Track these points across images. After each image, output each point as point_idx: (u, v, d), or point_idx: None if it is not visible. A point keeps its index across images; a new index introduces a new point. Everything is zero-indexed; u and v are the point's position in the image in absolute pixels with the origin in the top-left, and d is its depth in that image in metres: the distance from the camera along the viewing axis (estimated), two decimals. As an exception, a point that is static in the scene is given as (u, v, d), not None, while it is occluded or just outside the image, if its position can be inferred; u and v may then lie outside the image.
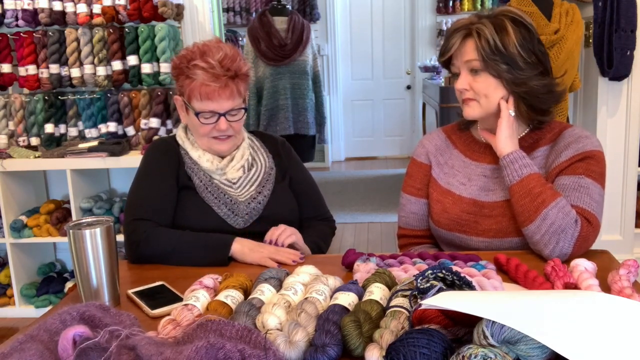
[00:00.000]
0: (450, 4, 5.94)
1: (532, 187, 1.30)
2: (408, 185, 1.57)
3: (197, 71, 1.44)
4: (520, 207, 1.31)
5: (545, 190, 1.29)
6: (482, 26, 1.33)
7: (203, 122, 1.49)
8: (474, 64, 1.35)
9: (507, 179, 1.35)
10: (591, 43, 2.71)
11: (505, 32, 1.32)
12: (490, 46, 1.32)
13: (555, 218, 1.26)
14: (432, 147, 1.56)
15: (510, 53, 1.32)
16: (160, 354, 0.77)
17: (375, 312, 0.93)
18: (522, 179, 1.32)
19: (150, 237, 1.40)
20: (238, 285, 1.10)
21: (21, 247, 2.95)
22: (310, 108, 3.79)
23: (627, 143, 2.83)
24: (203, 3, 2.79)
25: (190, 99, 1.49)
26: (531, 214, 1.29)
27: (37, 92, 2.85)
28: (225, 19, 5.69)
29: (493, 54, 1.32)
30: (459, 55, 1.38)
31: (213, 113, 1.48)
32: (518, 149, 1.36)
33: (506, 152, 1.35)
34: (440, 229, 1.47)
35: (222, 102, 1.47)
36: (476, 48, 1.33)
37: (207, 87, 1.45)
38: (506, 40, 1.32)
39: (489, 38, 1.32)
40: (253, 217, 1.54)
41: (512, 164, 1.34)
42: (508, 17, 1.34)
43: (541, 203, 1.28)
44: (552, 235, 1.26)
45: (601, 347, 0.73)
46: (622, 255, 2.53)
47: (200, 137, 1.54)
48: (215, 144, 1.53)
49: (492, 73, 1.34)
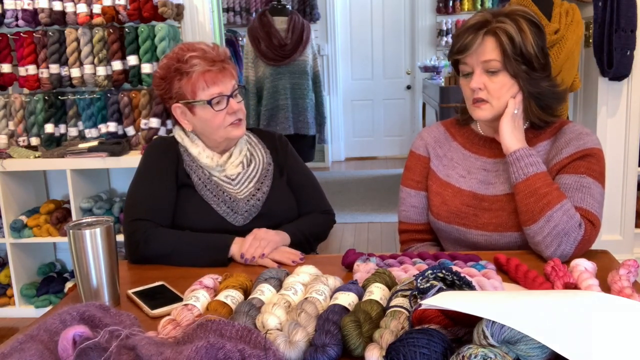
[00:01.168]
0: (450, 4, 5.94)
1: (538, 187, 1.29)
2: (407, 179, 1.56)
3: (194, 61, 1.46)
4: (525, 206, 1.30)
5: (551, 191, 1.28)
6: (505, 25, 1.32)
7: (217, 109, 1.49)
8: (493, 64, 1.33)
9: (512, 176, 1.33)
10: (591, 43, 2.71)
11: (524, 32, 1.32)
12: (515, 46, 1.31)
13: (559, 221, 1.25)
14: (430, 139, 1.55)
15: (529, 53, 1.32)
16: (160, 354, 0.77)
17: (375, 312, 0.93)
18: (527, 177, 1.30)
19: (150, 238, 1.40)
20: (238, 285, 1.10)
21: (21, 247, 2.94)
22: (310, 108, 3.79)
23: (627, 143, 2.83)
24: (203, 3, 2.79)
25: (195, 94, 1.48)
26: (535, 214, 1.28)
27: (37, 92, 2.85)
28: (225, 19, 5.69)
29: (515, 55, 1.32)
30: (475, 55, 1.34)
31: (222, 96, 1.49)
32: (525, 146, 1.34)
33: (513, 149, 1.33)
34: (440, 221, 1.47)
35: (226, 83, 1.49)
36: (498, 47, 1.32)
37: (210, 72, 1.47)
38: (526, 40, 1.32)
39: (514, 37, 1.31)
40: (252, 214, 1.54)
41: (518, 161, 1.32)
42: (523, 17, 1.34)
43: (546, 204, 1.27)
44: (555, 238, 1.25)
45: (601, 347, 0.73)
46: (622, 255, 2.53)
47: (216, 130, 1.52)
48: (232, 131, 1.53)
49: (510, 73, 1.33)
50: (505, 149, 1.35)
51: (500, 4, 4.09)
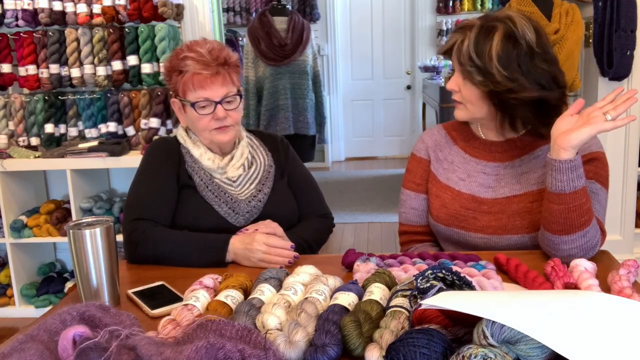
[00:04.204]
0: (450, 4, 5.93)
1: (584, 202, 1.22)
2: (408, 181, 1.56)
3: (188, 62, 1.46)
4: (564, 218, 1.22)
5: (591, 207, 1.24)
6: (469, 33, 1.31)
7: (200, 113, 1.48)
8: (461, 68, 1.34)
9: (557, 184, 1.22)
10: (591, 43, 2.71)
11: (488, 41, 1.29)
12: (466, 55, 1.31)
13: (592, 237, 1.24)
14: (431, 142, 1.56)
15: (485, 64, 1.29)
16: (160, 354, 0.77)
17: (375, 312, 0.94)
18: (576, 190, 1.21)
19: (149, 238, 1.40)
20: (238, 285, 1.10)
21: (21, 247, 2.94)
22: (310, 108, 3.79)
23: (627, 143, 2.83)
24: (203, 3, 2.79)
25: (185, 93, 1.49)
26: (574, 227, 1.22)
27: (37, 92, 2.85)
28: (225, 19, 5.69)
29: (469, 64, 1.31)
30: (454, 56, 1.37)
31: (208, 101, 1.48)
32: (578, 155, 1.21)
33: (570, 157, 1.20)
34: (439, 224, 1.47)
35: (215, 89, 1.47)
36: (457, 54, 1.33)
37: (199, 75, 1.46)
38: (484, 50, 1.29)
39: (465, 47, 1.31)
40: (253, 215, 1.54)
41: (570, 172, 1.20)
42: (505, 26, 1.30)
43: (587, 221, 1.23)
44: (581, 250, 1.24)
45: (601, 347, 0.73)
46: (622, 255, 2.53)
47: (201, 132, 1.53)
48: (216, 135, 1.52)
49: (472, 82, 1.33)
50: (564, 153, 1.20)
51: (501, 5, 4.10)
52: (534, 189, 1.39)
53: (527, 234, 1.38)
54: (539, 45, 1.31)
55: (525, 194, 1.39)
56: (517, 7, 2.47)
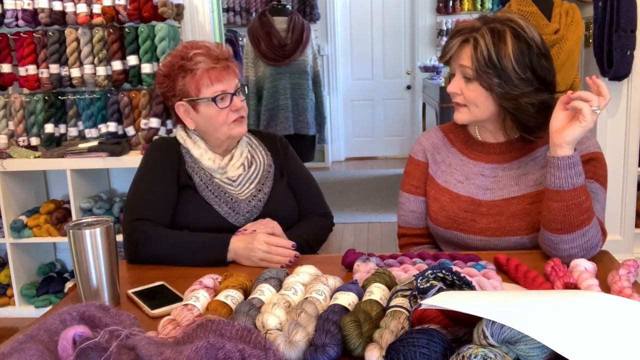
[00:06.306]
0: (450, 4, 5.94)
1: (583, 200, 1.22)
2: (406, 184, 1.56)
3: (199, 58, 1.47)
4: (563, 216, 1.22)
5: (591, 205, 1.24)
6: (480, 36, 1.30)
7: (221, 106, 1.49)
8: (467, 71, 1.34)
9: (555, 181, 1.22)
10: (591, 43, 2.71)
11: (503, 44, 1.29)
12: (485, 58, 1.29)
13: (592, 236, 1.24)
14: (429, 144, 1.56)
15: (504, 67, 1.29)
16: (160, 354, 0.77)
17: (375, 312, 0.94)
18: (575, 188, 1.21)
19: (148, 238, 1.40)
20: (238, 285, 1.10)
21: (21, 247, 2.94)
22: (310, 108, 3.79)
23: (627, 143, 2.83)
24: (203, 3, 2.79)
25: (199, 91, 1.49)
26: (573, 226, 1.22)
27: (37, 92, 2.85)
28: (225, 19, 5.69)
29: (486, 67, 1.30)
30: (455, 58, 1.37)
31: (225, 93, 1.50)
32: (576, 152, 1.22)
33: (569, 154, 1.20)
34: (438, 227, 1.47)
35: (230, 81, 1.51)
36: (471, 57, 1.32)
37: (214, 69, 1.48)
38: (502, 53, 1.29)
39: (484, 50, 1.29)
40: (254, 215, 1.54)
41: (569, 168, 1.20)
42: (511, 28, 1.30)
43: (587, 219, 1.22)
44: (581, 250, 1.24)
45: (601, 347, 0.73)
46: (622, 255, 2.53)
47: (219, 127, 1.52)
48: (235, 128, 1.53)
49: (483, 85, 1.32)
50: (557, 149, 1.21)
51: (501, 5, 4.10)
52: (532, 190, 1.39)
53: (526, 236, 1.38)
54: (543, 45, 1.33)
55: (523, 196, 1.39)
56: (517, 7, 2.47)
